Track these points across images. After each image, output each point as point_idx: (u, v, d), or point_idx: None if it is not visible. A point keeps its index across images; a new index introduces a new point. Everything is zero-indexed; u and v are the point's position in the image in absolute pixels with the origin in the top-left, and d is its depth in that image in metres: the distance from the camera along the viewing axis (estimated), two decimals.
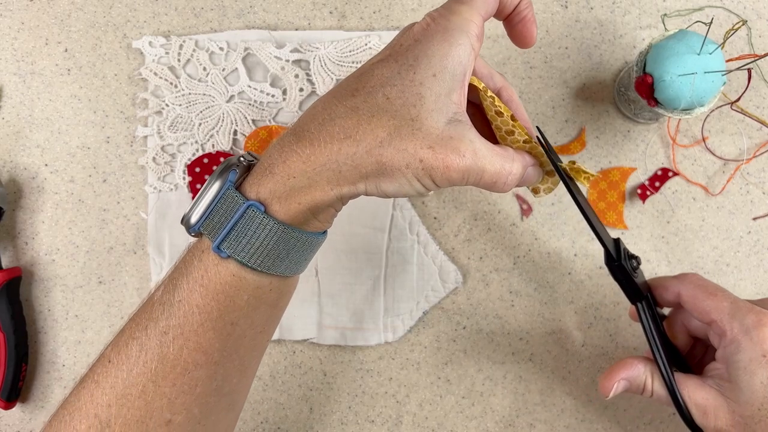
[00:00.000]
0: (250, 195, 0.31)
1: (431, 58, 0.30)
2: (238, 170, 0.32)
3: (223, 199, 0.31)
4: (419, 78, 0.30)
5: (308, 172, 0.30)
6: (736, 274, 0.50)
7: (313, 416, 0.50)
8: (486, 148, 0.31)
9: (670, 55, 0.42)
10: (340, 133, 0.30)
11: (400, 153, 0.30)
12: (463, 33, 0.31)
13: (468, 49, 0.31)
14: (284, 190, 0.30)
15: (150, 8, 0.51)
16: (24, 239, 0.51)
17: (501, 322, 0.50)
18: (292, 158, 0.30)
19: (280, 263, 0.31)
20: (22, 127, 0.51)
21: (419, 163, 0.30)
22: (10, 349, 0.48)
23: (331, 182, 0.30)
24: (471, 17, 0.31)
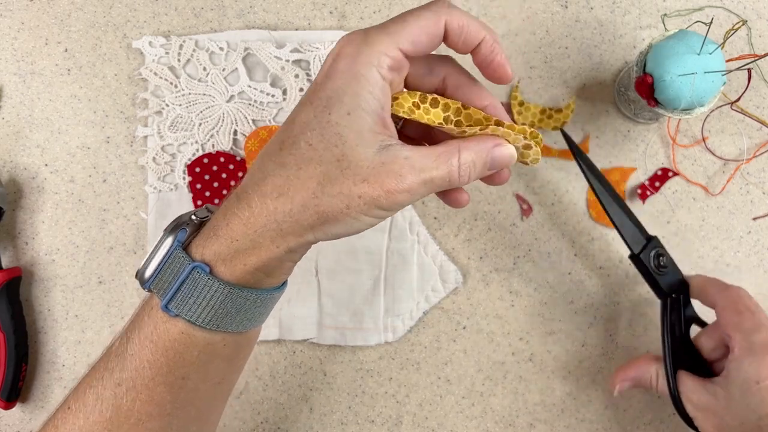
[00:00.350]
0: (196, 256, 0.31)
1: (342, 97, 0.29)
2: (189, 228, 0.32)
3: (171, 259, 0.31)
4: (335, 119, 0.29)
5: (250, 234, 0.30)
6: (736, 274, 0.50)
7: (313, 416, 0.50)
8: (425, 156, 0.30)
9: (670, 55, 0.42)
10: (273, 192, 0.30)
11: (336, 198, 0.29)
12: (372, 67, 0.30)
13: (379, 85, 0.30)
14: (228, 253, 0.30)
15: (150, 8, 0.51)
16: (24, 239, 0.51)
17: (501, 322, 0.50)
18: (234, 221, 0.30)
19: (231, 321, 0.32)
20: (22, 127, 0.51)
21: (359, 200, 0.29)
22: (10, 349, 0.48)
23: (276, 240, 0.30)
24: (385, 50, 0.30)
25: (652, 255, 0.44)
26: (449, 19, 0.31)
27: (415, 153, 0.30)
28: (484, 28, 0.32)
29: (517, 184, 0.50)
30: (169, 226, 0.33)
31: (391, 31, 0.30)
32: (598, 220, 0.50)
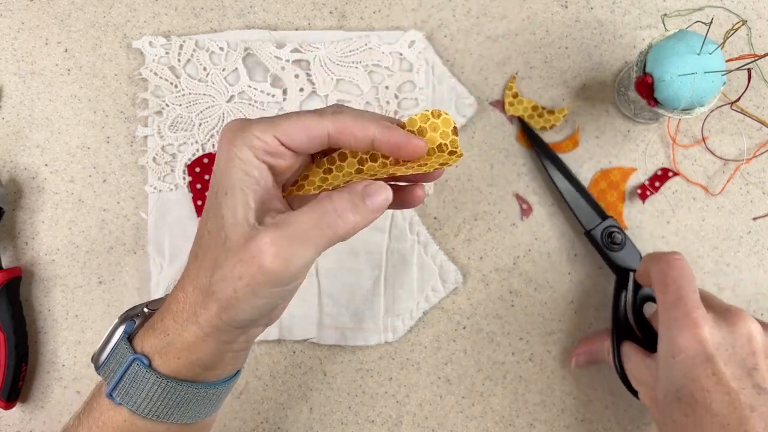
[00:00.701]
0: (137, 348, 0.32)
1: (221, 180, 0.31)
2: (138, 320, 0.34)
3: (117, 349, 0.33)
4: (219, 201, 0.30)
5: (178, 328, 0.31)
6: (736, 274, 0.50)
7: (313, 416, 0.50)
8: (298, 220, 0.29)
9: (670, 55, 0.42)
10: (189, 285, 0.31)
11: (223, 283, 0.29)
12: (244, 148, 0.30)
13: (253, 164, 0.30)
14: (163, 346, 0.31)
15: (150, 8, 0.51)
16: (24, 239, 0.51)
17: (501, 322, 0.50)
18: (166, 316, 0.32)
19: (173, 413, 0.32)
20: (22, 127, 0.51)
21: (240, 281, 0.29)
22: (10, 349, 0.48)
23: (199, 334, 0.31)
24: (260, 134, 0.30)
25: (603, 232, 0.47)
26: (332, 126, 0.31)
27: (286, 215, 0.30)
28: (373, 121, 0.31)
29: (517, 184, 0.50)
30: (123, 315, 0.34)
31: (272, 120, 0.31)
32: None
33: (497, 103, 0.51)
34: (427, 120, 0.32)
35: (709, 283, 0.50)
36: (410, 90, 0.50)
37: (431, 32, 0.51)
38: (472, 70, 0.51)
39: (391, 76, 0.50)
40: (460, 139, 0.50)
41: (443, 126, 0.32)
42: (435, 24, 0.51)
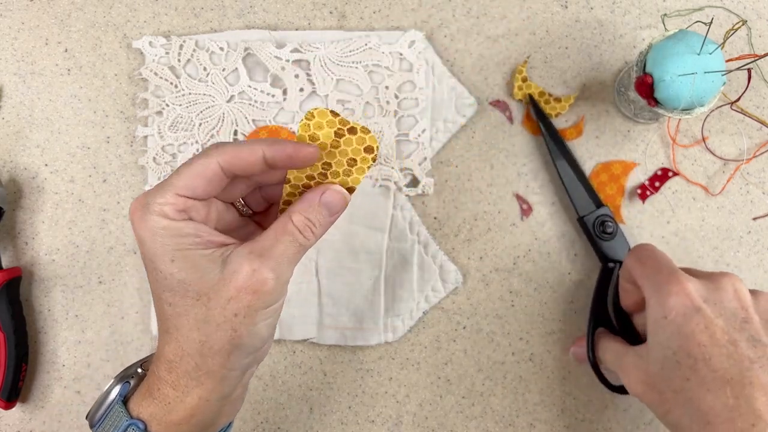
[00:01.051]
0: (134, 412, 0.33)
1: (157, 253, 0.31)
2: (133, 381, 0.34)
3: (111, 411, 0.33)
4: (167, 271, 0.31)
5: (179, 396, 0.32)
6: (737, 274, 0.50)
7: (313, 416, 0.50)
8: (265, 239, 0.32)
9: (670, 55, 0.42)
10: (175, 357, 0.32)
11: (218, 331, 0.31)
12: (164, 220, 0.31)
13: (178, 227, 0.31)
14: (162, 414, 0.32)
15: (150, 8, 0.51)
16: (24, 239, 0.51)
17: (501, 322, 0.50)
18: (163, 386, 0.32)
19: None
20: (22, 127, 0.51)
21: (237, 318, 0.31)
22: (10, 349, 0.48)
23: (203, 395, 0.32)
24: (162, 201, 0.31)
25: (596, 220, 0.47)
26: (220, 158, 0.32)
27: (254, 243, 0.32)
28: (259, 142, 0.32)
29: (517, 184, 0.50)
30: (119, 374, 0.35)
31: (166, 183, 0.32)
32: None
33: (497, 103, 0.51)
34: (307, 127, 0.33)
35: None
36: (410, 90, 0.50)
37: (431, 32, 0.51)
38: (472, 70, 0.51)
39: (391, 76, 0.50)
40: (461, 139, 0.51)
41: (320, 117, 0.33)
42: (435, 24, 0.51)
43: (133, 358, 0.50)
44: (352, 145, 0.33)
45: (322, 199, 0.33)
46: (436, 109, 0.50)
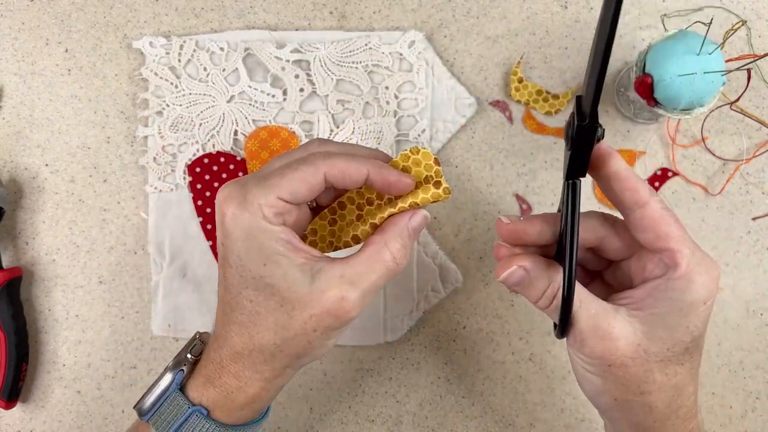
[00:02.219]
0: (194, 399, 0.34)
1: (249, 254, 0.31)
2: (186, 368, 0.35)
3: (170, 399, 0.34)
4: (257, 273, 0.31)
5: (242, 386, 0.33)
6: (736, 274, 0.50)
7: (313, 416, 0.50)
8: (359, 264, 0.32)
9: (669, 55, 0.42)
10: (244, 350, 0.32)
11: (295, 340, 0.32)
12: (258, 219, 0.31)
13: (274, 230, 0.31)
14: (226, 402, 0.33)
15: (150, 8, 0.51)
16: (24, 239, 0.51)
17: (501, 322, 0.50)
18: (225, 375, 0.33)
19: None
20: (22, 127, 0.51)
21: (315, 333, 0.32)
22: (11, 348, 0.48)
23: (264, 386, 0.33)
24: (264, 202, 0.31)
25: None
26: (328, 170, 0.32)
27: (346, 267, 0.32)
28: (365, 162, 0.32)
29: (517, 184, 0.50)
30: (169, 364, 0.35)
31: (269, 183, 0.31)
32: (602, 200, 0.50)
33: (497, 103, 0.51)
34: (408, 159, 0.34)
35: None
36: (410, 90, 0.50)
37: (431, 32, 0.51)
38: (472, 70, 0.51)
39: (391, 77, 0.50)
40: (461, 139, 0.51)
41: (424, 159, 0.34)
42: (435, 24, 0.51)
43: (133, 359, 0.51)
44: (428, 193, 0.33)
45: (410, 223, 0.34)
46: (436, 109, 0.50)
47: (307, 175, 0.31)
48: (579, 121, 0.32)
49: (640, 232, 0.33)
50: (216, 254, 0.50)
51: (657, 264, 0.33)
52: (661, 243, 0.32)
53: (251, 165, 0.50)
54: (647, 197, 0.33)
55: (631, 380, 0.32)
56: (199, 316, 0.50)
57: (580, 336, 0.33)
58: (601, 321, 0.32)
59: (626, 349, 0.32)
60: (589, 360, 0.33)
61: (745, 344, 0.50)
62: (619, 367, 0.32)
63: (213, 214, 0.50)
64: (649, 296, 0.33)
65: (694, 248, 0.32)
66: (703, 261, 0.32)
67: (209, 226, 0.50)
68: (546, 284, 0.34)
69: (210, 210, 0.50)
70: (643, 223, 0.33)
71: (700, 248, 0.33)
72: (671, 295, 0.32)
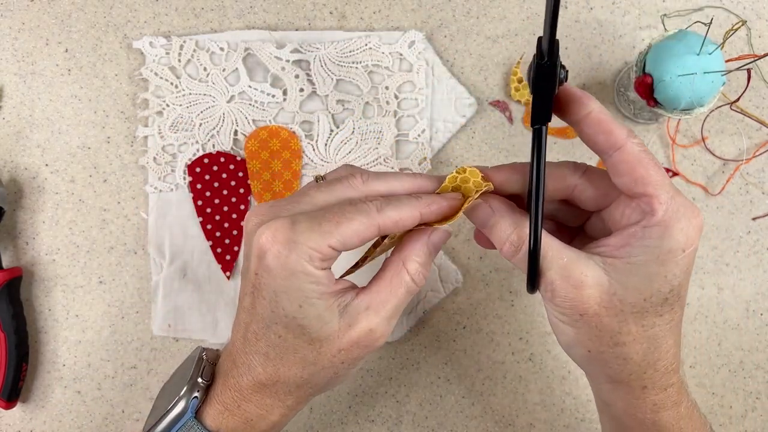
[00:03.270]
0: (212, 427, 0.33)
1: (288, 293, 0.30)
2: (200, 394, 0.34)
3: (186, 428, 0.33)
4: (291, 313, 0.31)
5: (263, 414, 0.33)
6: (736, 274, 0.50)
7: (313, 416, 0.50)
8: (380, 292, 0.32)
9: (669, 55, 0.42)
10: (268, 380, 0.33)
11: (322, 372, 0.32)
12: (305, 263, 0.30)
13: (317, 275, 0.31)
14: (244, 429, 0.33)
15: (150, 9, 0.51)
16: (24, 239, 0.51)
17: (501, 322, 0.50)
18: (245, 405, 0.33)
19: None
20: (22, 127, 0.51)
21: (343, 365, 0.32)
22: (11, 348, 0.48)
23: (287, 415, 0.34)
24: (316, 247, 0.30)
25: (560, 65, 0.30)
26: (382, 222, 0.31)
27: (371, 296, 0.32)
28: (417, 204, 0.32)
29: None
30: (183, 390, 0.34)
31: (323, 230, 0.30)
32: None
33: (497, 103, 0.51)
34: (455, 179, 0.34)
35: (709, 283, 0.50)
36: (410, 90, 0.50)
37: (431, 32, 0.51)
38: (472, 70, 0.51)
39: (391, 77, 0.50)
40: (461, 139, 0.51)
41: (472, 177, 0.34)
42: (435, 24, 0.51)
43: (133, 359, 0.51)
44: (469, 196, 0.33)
45: (430, 240, 0.34)
46: (435, 109, 0.50)
47: (362, 226, 0.31)
48: (538, 59, 0.29)
49: (617, 176, 0.31)
50: (216, 254, 0.50)
51: (634, 210, 0.31)
52: (638, 188, 0.31)
53: (251, 165, 0.50)
54: (624, 139, 0.31)
55: (604, 331, 0.31)
56: (199, 316, 0.50)
57: (551, 286, 0.31)
58: (573, 269, 0.31)
59: (600, 298, 0.30)
60: (561, 309, 0.31)
61: (745, 344, 0.50)
62: (591, 317, 0.31)
63: (213, 214, 0.50)
64: (625, 244, 0.31)
65: (674, 193, 0.30)
66: (683, 207, 0.30)
67: (209, 226, 0.50)
68: (511, 228, 0.32)
69: (210, 210, 0.50)
70: (620, 167, 0.31)
71: (681, 194, 0.31)
72: (648, 243, 0.30)
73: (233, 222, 0.50)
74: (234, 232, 0.50)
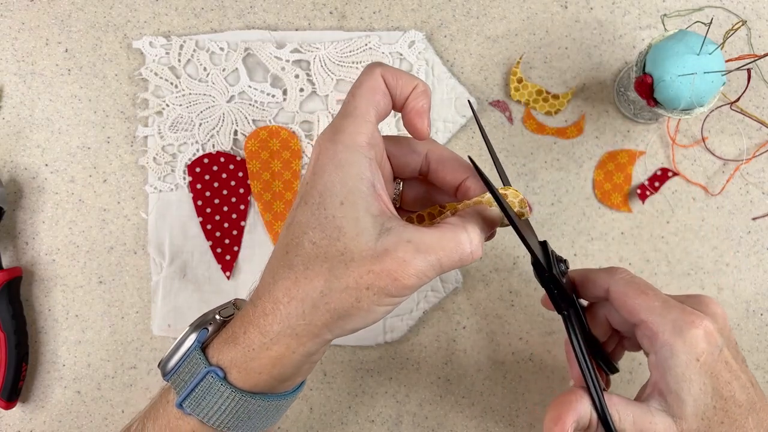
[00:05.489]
0: (213, 359, 0.31)
1: (332, 189, 0.30)
2: (211, 328, 0.33)
3: (189, 359, 0.32)
4: (330, 212, 0.30)
5: (266, 342, 0.30)
6: (736, 274, 0.50)
7: (313, 416, 0.50)
8: (430, 237, 0.30)
9: (669, 55, 0.42)
10: (284, 296, 0.30)
11: (344, 293, 0.29)
12: (353, 151, 0.30)
13: (364, 164, 0.30)
14: (244, 361, 0.31)
15: (150, 8, 0.51)
16: (24, 239, 0.51)
17: (501, 322, 0.50)
18: (250, 330, 0.31)
19: (242, 425, 0.32)
20: (22, 127, 0.51)
21: (367, 291, 0.29)
22: (11, 348, 0.48)
23: (291, 346, 0.30)
24: (358, 130, 0.31)
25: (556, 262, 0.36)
26: (384, 73, 0.32)
27: (418, 235, 0.30)
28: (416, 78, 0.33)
29: (517, 184, 0.50)
30: (195, 321, 0.33)
31: (348, 111, 0.31)
32: (602, 201, 0.50)
33: (497, 103, 0.51)
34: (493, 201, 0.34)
35: (709, 283, 0.50)
36: None
37: (431, 32, 0.51)
38: (472, 70, 0.51)
39: None
40: (461, 139, 0.51)
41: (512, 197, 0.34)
42: (435, 24, 0.51)
43: (133, 359, 0.51)
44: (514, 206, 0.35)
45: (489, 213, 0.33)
46: (435, 109, 0.50)
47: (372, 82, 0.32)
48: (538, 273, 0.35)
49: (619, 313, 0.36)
50: (216, 254, 0.50)
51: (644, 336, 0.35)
52: (633, 318, 0.35)
53: (251, 165, 0.50)
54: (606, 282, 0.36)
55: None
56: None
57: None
58: (643, 423, 0.33)
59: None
60: None
61: (745, 344, 0.50)
62: None
63: (213, 214, 0.50)
64: (660, 377, 0.34)
65: (666, 311, 0.33)
66: (679, 320, 0.33)
67: (209, 226, 0.50)
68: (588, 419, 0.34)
69: (210, 210, 0.50)
70: (615, 304, 0.36)
71: (676, 307, 0.34)
72: (667, 365, 0.33)
73: (233, 222, 0.50)
74: (234, 232, 0.50)
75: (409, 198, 0.37)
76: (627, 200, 0.50)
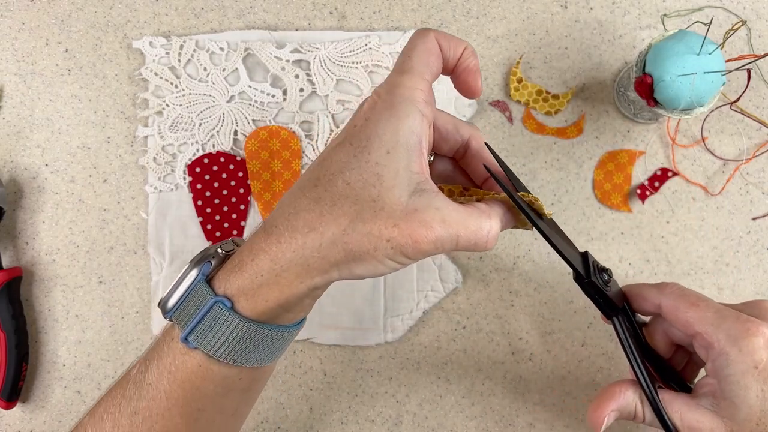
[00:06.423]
0: (219, 290, 0.31)
1: (382, 136, 0.30)
2: (214, 262, 0.32)
3: (194, 292, 0.31)
4: (374, 158, 0.30)
5: (276, 269, 0.30)
6: (736, 274, 0.50)
7: (313, 416, 0.50)
8: (456, 212, 0.31)
9: (669, 55, 0.42)
10: (304, 227, 0.30)
11: (365, 237, 0.29)
12: (410, 104, 0.31)
13: (417, 119, 0.31)
14: (251, 288, 0.31)
15: (150, 8, 0.51)
16: (24, 239, 0.51)
17: (501, 322, 0.50)
18: (260, 256, 0.31)
19: (248, 356, 0.32)
20: (22, 128, 0.51)
21: (386, 243, 0.29)
22: (11, 348, 0.48)
23: (300, 276, 0.30)
24: (415, 85, 0.31)
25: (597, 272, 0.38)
26: (437, 36, 0.32)
27: (447, 206, 0.31)
28: (464, 41, 0.34)
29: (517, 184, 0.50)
30: (195, 257, 0.33)
31: (405, 68, 0.32)
32: (602, 201, 0.50)
33: (497, 103, 0.51)
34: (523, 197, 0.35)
35: (709, 283, 0.50)
36: None
37: None
38: None
39: None
40: None
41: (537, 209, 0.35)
42: (435, 24, 0.51)
43: (133, 359, 0.51)
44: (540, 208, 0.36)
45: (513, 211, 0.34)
46: None
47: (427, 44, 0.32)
48: (578, 279, 0.37)
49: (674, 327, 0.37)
50: None
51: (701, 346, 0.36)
52: (688, 330, 0.36)
53: (251, 165, 0.50)
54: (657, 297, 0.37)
55: None
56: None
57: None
58: (689, 419, 0.34)
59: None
60: None
61: None
62: None
63: (213, 214, 0.50)
64: (714, 380, 0.34)
65: (719, 320, 0.34)
66: (734, 329, 0.34)
67: (209, 226, 0.50)
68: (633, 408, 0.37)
69: (210, 210, 0.50)
70: (669, 319, 0.37)
71: (730, 317, 0.34)
72: (724, 373, 0.34)
73: (233, 222, 0.50)
74: (234, 232, 0.50)
75: (433, 172, 0.38)
76: (627, 200, 0.50)
